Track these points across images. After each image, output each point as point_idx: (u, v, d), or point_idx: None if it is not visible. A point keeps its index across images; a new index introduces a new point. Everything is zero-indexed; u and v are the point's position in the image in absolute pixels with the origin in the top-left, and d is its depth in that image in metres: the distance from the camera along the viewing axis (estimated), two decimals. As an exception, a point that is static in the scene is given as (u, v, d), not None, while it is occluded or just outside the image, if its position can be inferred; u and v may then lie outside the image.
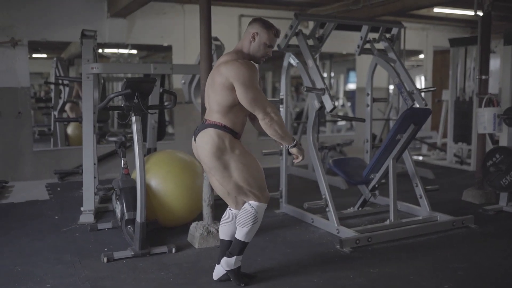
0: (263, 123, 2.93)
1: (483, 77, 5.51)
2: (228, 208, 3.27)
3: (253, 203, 3.04)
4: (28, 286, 3.23)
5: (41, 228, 4.52)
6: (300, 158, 3.04)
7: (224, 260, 3.18)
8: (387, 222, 4.40)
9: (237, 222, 3.08)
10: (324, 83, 4.32)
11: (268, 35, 3.03)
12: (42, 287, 3.22)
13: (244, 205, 3.08)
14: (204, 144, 2.96)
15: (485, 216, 4.90)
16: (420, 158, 8.57)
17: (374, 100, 5.51)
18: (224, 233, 3.25)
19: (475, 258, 3.76)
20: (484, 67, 5.51)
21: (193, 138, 3.10)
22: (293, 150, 3.03)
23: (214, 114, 3.00)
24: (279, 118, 2.95)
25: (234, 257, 3.14)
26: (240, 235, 3.09)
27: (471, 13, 6.66)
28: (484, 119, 5.23)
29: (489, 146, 6.03)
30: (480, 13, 5.64)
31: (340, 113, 10.27)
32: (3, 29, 6.41)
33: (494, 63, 8.39)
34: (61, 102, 7.43)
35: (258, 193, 3.04)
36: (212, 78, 3.01)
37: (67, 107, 7.75)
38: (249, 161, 3.02)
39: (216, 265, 3.29)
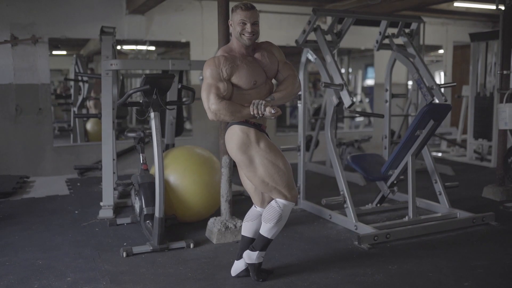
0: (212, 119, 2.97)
1: (505, 72, 5.42)
2: (253, 205, 3.27)
3: (280, 201, 3.03)
4: (49, 280, 3.28)
5: (61, 222, 4.59)
6: (270, 112, 2.88)
7: (247, 252, 3.20)
8: (406, 218, 4.36)
9: (262, 217, 3.09)
10: (343, 79, 4.30)
11: (235, 14, 2.99)
12: (63, 281, 3.27)
13: (271, 202, 3.07)
14: (230, 139, 3.01)
15: (506, 213, 4.83)
16: (440, 154, 8.48)
17: (392, 95, 5.47)
18: (246, 229, 3.26)
19: (496, 255, 3.71)
20: (505, 62, 5.43)
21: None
22: (267, 113, 2.88)
23: None
24: (220, 110, 2.89)
25: (257, 252, 3.16)
26: (264, 230, 3.09)
27: (493, 7, 6.55)
28: (505, 115, 5.16)
29: (510, 142, 5.93)
30: (502, 7, 5.55)
31: (358, 109, 10.21)
32: (24, 27, 6.50)
33: (516, 58, 8.25)
34: (80, 98, 7.52)
35: (285, 191, 3.02)
36: None
37: (91, 103, 7.85)
38: (275, 157, 3.00)
39: (235, 261, 3.31)
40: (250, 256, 3.18)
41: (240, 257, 3.27)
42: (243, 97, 2.98)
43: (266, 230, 3.08)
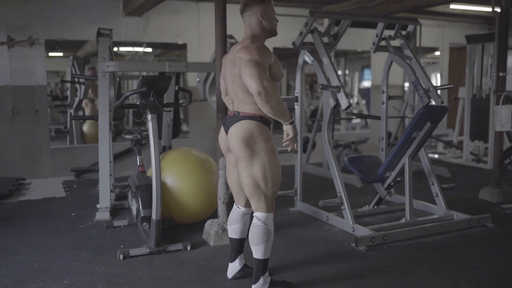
0: (259, 99, 2.70)
1: (501, 74, 5.44)
2: (235, 206, 3.22)
3: (260, 215, 2.90)
4: (46, 283, 3.27)
5: (58, 225, 4.57)
6: (291, 136, 2.87)
7: (261, 285, 3.00)
8: (403, 220, 4.37)
9: (251, 242, 2.93)
10: (340, 81, 4.30)
11: (268, 7, 2.99)
12: (60, 284, 3.25)
13: (253, 222, 2.93)
14: (238, 133, 2.85)
15: (503, 215, 4.84)
16: (436, 156, 8.50)
17: (389, 97, 5.47)
18: (233, 232, 3.21)
19: (493, 257, 3.72)
20: (501, 64, 5.44)
21: (221, 131, 3.05)
22: (288, 128, 2.85)
23: (246, 105, 2.89)
24: (277, 94, 2.77)
25: (261, 279, 2.98)
26: (258, 254, 2.92)
27: (489, 9, 6.57)
28: (501, 117, 5.17)
29: (507, 144, 5.94)
30: (498, 9, 5.57)
31: (355, 111, 10.22)
32: (21, 28, 6.49)
33: (512, 60, 8.30)
34: (77, 100, 7.50)
35: (269, 200, 2.91)
36: (232, 70, 2.94)
37: (83, 104, 7.83)
38: (276, 163, 2.91)
39: (229, 263, 3.30)
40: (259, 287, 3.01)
41: (233, 259, 3.26)
42: None
43: (260, 253, 2.92)
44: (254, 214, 2.95)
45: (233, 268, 3.28)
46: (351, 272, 3.42)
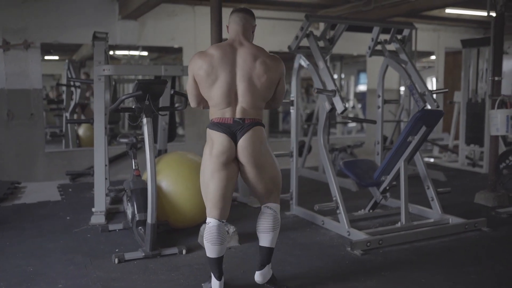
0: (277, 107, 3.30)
1: (496, 78, 5.46)
2: (219, 222, 2.95)
3: (273, 205, 3.07)
4: (41, 286, 3.25)
5: (53, 228, 4.56)
6: None
7: (266, 271, 3.15)
8: (398, 224, 4.37)
9: (266, 230, 3.04)
10: (335, 85, 4.31)
11: None
12: (54, 288, 3.24)
13: (263, 211, 3.07)
14: (257, 140, 2.91)
15: (498, 219, 4.85)
16: (432, 160, 8.51)
17: (385, 101, 5.48)
18: (222, 250, 2.99)
19: (488, 261, 3.72)
20: (497, 68, 5.46)
21: (223, 141, 2.88)
22: None
23: (256, 111, 2.95)
24: None
25: (267, 267, 3.15)
26: (268, 242, 3.07)
27: (484, 13, 6.63)
28: (497, 121, 5.19)
29: (502, 148, 5.96)
30: (493, 14, 5.60)
31: (351, 115, 10.24)
32: (16, 32, 6.48)
33: (507, 64, 8.32)
34: (72, 103, 7.49)
35: (279, 193, 3.11)
36: (257, 74, 2.89)
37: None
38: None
39: (218, 281, 3.04)
40: (265, 276, 3.16)
41: (221, 278, 3.03)
42: None
43: (270, 241, 3.07)
44: (269, 205, 3.07)
45: (221, 286, 3.07)
46: (347, 276, 3.42)
